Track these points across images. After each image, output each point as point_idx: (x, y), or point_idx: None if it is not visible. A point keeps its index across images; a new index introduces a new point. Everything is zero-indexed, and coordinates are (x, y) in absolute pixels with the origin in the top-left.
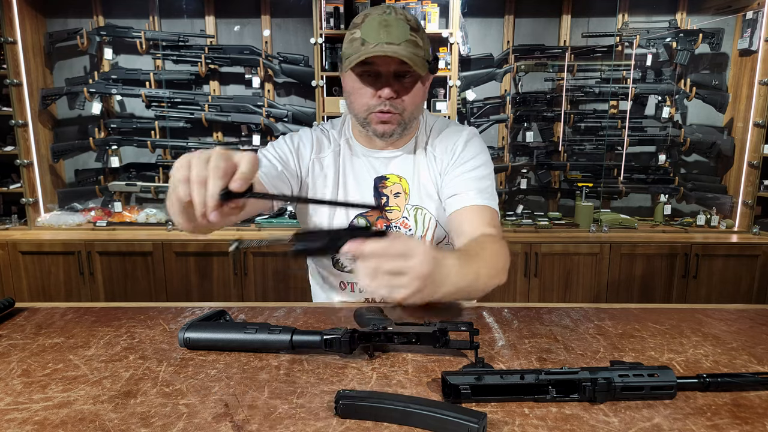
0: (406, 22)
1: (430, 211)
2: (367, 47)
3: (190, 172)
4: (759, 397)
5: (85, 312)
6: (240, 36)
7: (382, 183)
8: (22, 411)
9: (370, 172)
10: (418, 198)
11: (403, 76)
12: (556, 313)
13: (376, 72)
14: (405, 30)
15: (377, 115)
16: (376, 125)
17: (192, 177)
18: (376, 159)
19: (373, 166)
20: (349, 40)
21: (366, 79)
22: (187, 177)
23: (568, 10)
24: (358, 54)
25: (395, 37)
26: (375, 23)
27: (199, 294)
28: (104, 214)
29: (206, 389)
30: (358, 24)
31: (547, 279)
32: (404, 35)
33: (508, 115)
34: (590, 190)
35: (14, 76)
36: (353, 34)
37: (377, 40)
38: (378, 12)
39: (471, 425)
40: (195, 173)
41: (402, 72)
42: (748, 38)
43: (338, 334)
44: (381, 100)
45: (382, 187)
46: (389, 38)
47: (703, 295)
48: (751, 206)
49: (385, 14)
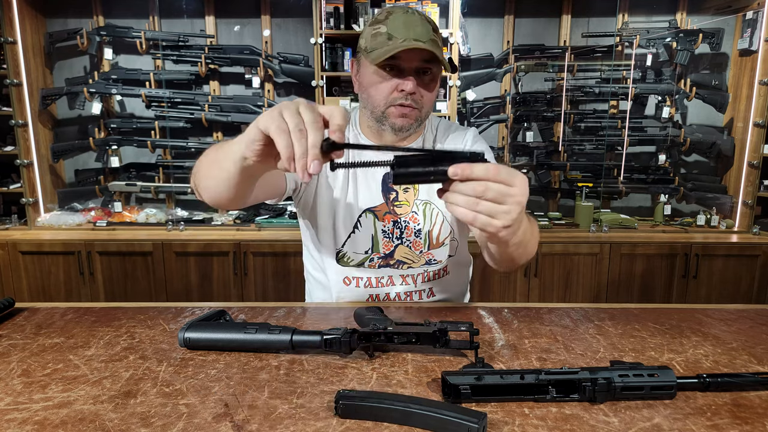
0: (428, 23)
1: (438, 207)
2: (396, 42)
3: (286, 123)
4: (759, 397)
5: (85, 312)
6: (240, 36)
7: None
8: (22, 411)
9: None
10: (427, 193)
11: (424, 73)
12: (556, 313)
13: (399, 67)
14: (428, 30)
15: (397, 108)
16: (395, 119)
17: (291, 127)
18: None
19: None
20: (373, 35)
21: (388, 74)
22: (285, 128)
23: (568, 10)
24: (387, 48)
25: (421, 34)
26: (401, 20)
27: (199, 294)
28: (104, 214)
29: (206, 389)
30: (382, 20)
31: (547, 279)
32: (428, 34)
33: (508, 115)
34: (590, 190)
35: (14, 76)
36: (377, 29)
37: (405, 35)
38: (401, 11)
39: (471, 425)
40: (294, 124)
41: (424, 69)
42: (748, 38)
43: (338, 334)
44: (403, 94)
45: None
46: (416, 35)
47: (703, 295)
48: (751, 206)
49: (409, 14)
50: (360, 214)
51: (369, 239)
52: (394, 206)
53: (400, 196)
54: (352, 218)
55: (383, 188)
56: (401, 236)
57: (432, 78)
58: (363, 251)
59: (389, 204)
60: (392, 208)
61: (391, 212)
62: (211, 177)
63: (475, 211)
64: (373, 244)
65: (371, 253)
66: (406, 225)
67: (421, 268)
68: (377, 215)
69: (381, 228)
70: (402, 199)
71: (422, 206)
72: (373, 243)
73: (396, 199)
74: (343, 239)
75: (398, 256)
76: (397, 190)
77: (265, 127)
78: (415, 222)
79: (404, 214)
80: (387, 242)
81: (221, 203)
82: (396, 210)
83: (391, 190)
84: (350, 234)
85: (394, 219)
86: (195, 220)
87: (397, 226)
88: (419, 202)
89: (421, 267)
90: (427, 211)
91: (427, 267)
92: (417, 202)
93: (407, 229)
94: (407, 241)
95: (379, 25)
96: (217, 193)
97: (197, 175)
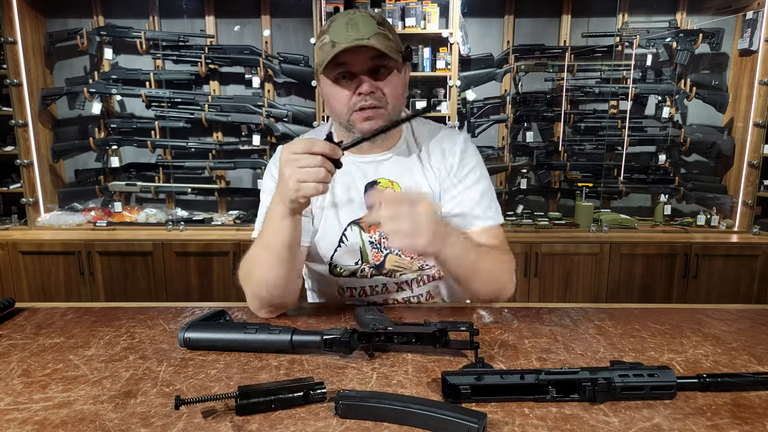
0: (371, 18)
1: None
2: (338, 47)
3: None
4: (759, 397)
5: (85, 312)
6: (240, 36)
7: (373, 188)
8: (22, 411)
9: (360, 178)
10: None
11: (377, 70)
12: (556, 313)
13: (350, 72)
14: (372, 25)
15: (359, 113)
16: (362, 123)
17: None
18: (364, 164)
19: (363, 171)
20: (320, 47)
21: (342, 81)
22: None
23: (568, 10)
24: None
25: (363, 32)
26: (342, 24)
27: (199, 294)
28: (104, 214)
29: (206, 389)
30: (326, 30)
31: (547, 279)
32: (372, 30)
33: (508, 115)
34: (590, 190)
35: (14, 76)
36: (323, 40)
37: (346, 38)
38: (343, 16)
39: (471, 425)
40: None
41: (376, 67)
42: (748, 38)
43: (338, 334)
44: (361, 96)
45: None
46: (358, 34)
47: (703, 295)
48: (751, 206)
49: (350, 14)
50: (345, 227)
51: (357, 251)
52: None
53: None
54: (338, 232)
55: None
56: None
57: (388, 72)
58: (353, 263)
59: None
60: None
61: None
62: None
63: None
64: (362, 256)
65: (362, 264)
66: None
67: (415, 273)
68: (362, 227)
69: (368, 239)
70: None
71: None
72: (362, 254)
73: None
74: (331, 253)
75: (389, 266)
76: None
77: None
78: None
79: None
80: (376, 252)
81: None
82: None
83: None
84: (336, 248)
85: (380, 229)
86: (195, 220)
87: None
88: None
89: (415, 273)
90: None
91: (421, 272)
92: None
93: None
94: (396, 249)
95: (324, 35)
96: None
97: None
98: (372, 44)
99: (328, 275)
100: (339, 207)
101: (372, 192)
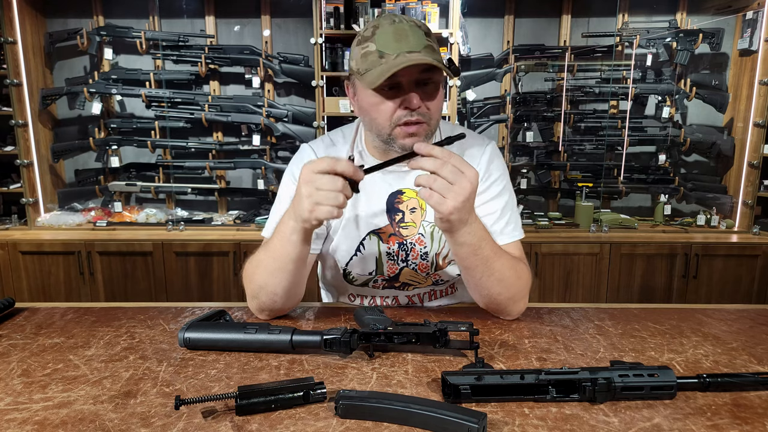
0: (418, 28)
1: None
2: (389, 59)
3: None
4: (759, 397)
5: (85, 312)
6: (240, 36)
7: (397, 198)
8: (22, 411)
9: (384, 187)
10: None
11: (425, 83)
12: (556, 313)
13: (396, 83)
14: (421, 36)
15: (403, 128)
16: (404, 139)
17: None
18: (391, 173)
19: (387, 180)
20: (363, 55)
21: (387, 93)
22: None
23: (568, 10)
24: (382, 68)
25: (414, 45)
26: (389, 33)
27: (199, 294)
28: (104, 214)
29: (206, 389)
30: (370, 37)
31: (547, 279)
32: (422, 42)
33: (508, 115)
34: (590, 190)
35: (14, 76)
36: (366, 48)
37: (397, 50)
38: (387, 22)
39: (471, 425)
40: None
41: (424, 80)
42: (748, 38)
43: (338, 334)
44: (407, 111)
45: (397, 202)
46: (409, 47)
47: (703, 295)
48: (751, 206)
49: (396, 23)
50: (364, 236)
51: (373, 261)
52: (399, 227)
53: (407, 217)
54: (356, 241)
55: (388, 209)
56: (407, 258)
57: (435, 87)
58: (368, 272)
59: (394, 225)
60: (398, 230)
61: (397, 234)
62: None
63: (431, 189)
64: (377, 266)
65: (375, 275)
66: (412, 247)
67: (428, 287)
68: (381, 237)
69: (385, 250)
70: (408, 221)
71: (429, 228)
72: (377, 265)
73: (402, 221)
74: (347, 260)
75: (403, 279)
76: (403, 210)
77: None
78: (422, 245)
79: (410, 236)
80: (392, 265)
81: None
82: (402, 231)
83: (396, 211)
84: (353, 256)
85: (399, 241)
86: (195, 220)
87: (403, 248)
88: (426, 224)
89: (428, 287)
90: (435, 234)
91: (434, 287)
92: (424, 223)
93: (413, 252)
94: (413, 263)
95: (368, 42)
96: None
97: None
98: (427, 60)
99: (342, 281)
100: (360, 216)
101: None
